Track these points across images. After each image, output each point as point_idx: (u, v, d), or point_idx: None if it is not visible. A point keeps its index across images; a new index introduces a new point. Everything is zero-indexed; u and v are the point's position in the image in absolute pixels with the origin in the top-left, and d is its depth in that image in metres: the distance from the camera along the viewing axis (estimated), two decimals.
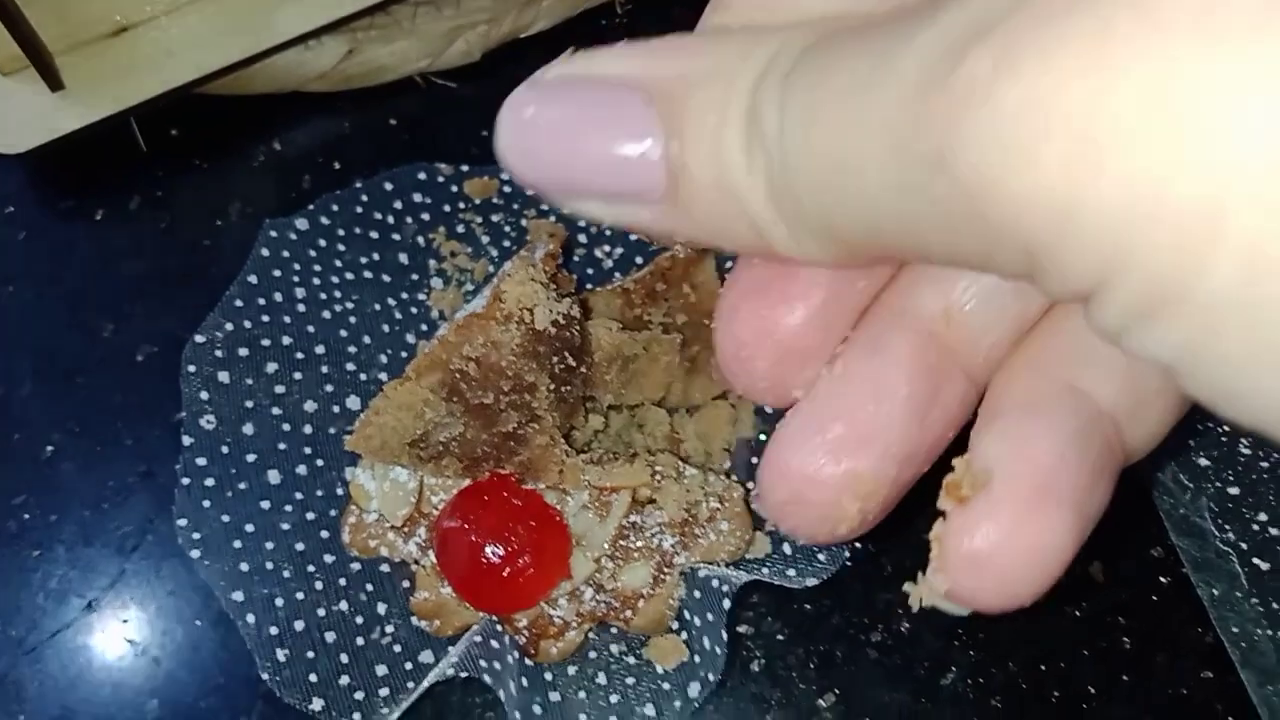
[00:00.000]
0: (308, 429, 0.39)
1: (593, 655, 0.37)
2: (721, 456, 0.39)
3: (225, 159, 0.45)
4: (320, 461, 0.39)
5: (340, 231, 0.42)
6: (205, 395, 0.38)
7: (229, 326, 0.39)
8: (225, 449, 0.38)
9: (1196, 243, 0.10)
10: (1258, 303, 0.10)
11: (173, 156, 0.45)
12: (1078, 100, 0.10)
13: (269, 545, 0.37)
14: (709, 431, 0.39)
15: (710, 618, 0.36)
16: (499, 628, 0.36)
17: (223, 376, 0.39)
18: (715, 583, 0.36)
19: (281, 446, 0.38)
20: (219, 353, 0.39)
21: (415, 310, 0.42)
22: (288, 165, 0.45)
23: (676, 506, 0.36)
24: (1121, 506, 0.16)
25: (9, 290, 0.43)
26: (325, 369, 0.40)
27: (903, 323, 0.16)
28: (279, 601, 0.36)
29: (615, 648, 0.37)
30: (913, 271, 0.17)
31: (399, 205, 0.43)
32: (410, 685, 0.36)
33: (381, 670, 0.36)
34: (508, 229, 0.43)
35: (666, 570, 0.37)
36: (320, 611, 0.36)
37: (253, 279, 0.40)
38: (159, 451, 0.40)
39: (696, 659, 0.36)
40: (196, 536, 0.37)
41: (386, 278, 0.42)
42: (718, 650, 0.35)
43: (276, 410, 0.39)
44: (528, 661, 0.36)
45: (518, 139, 0.15)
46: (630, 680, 0.36)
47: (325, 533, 0.38)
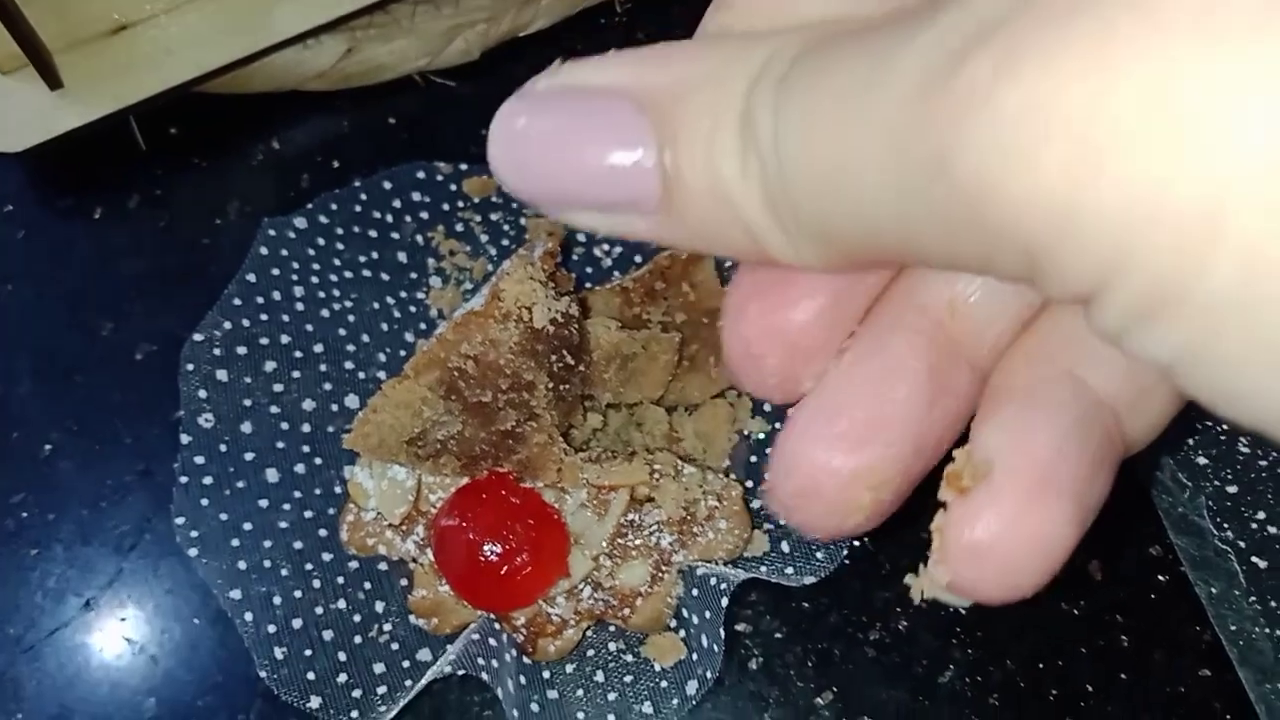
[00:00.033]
0: (306, 427, 0.39)
1: (591, 653, 0.37)
2: (720, 455, 0.39)
3: (224, 158, 0.45)
4: (318, 460, 0.39)
5: (339, 230, 0.42)
6: (204, 394, 0.38)
7: (227, 325, 0.39)
8: (223, 447, 0.38)
9: (1196, 244, 0.10)
10: (1257, 303, 0.10)
11: (172, 155, 0.45)
12: (1077, 102, 0.10)
13: (267, 543, 0.37)
14: (707, 430, 0.39)
15: (708, 616, 0.36)
16: (497, 626, 0.36)
17: (221, 375, 0.39)
18: (713, 581, 0.36)
19: (280, 445, 0.38)
20: (217, 351, 0.39)
21: (414, 309, 0.42)
22: (286, 164, 0.45)
23: (675, 505, 0.36)
24: (1120, 505, 0.16)
25: (8, 289, 0.43)
26: (324, 367, 0.40)
27: (909, 315, 0.16)
28: (277, 600, 0.36)
29: (613, 646, 0.37)
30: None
31: (398, 204, 0.43)
32: (408, 683, 0.36)
33: (379, 668, 0.36)
34: (506, 228, 0.43)
35: (664, 568, 0.37)
36: (318, 609, 0.36)
37: (251, 277, 0.40)
38: (157, 450, 0.40)
39: (694, 657, 0.36)
40: (194, 535, 0.37)
41: (385, 276, 0.42)
42: (715, 648, 0.35)
43: (275, 409, 0.39)
44: (525, 659, 0.36)
45: (509, 151, 0.15)
46: (628, 678, 0.36)
47: (323, 531, 0.38)
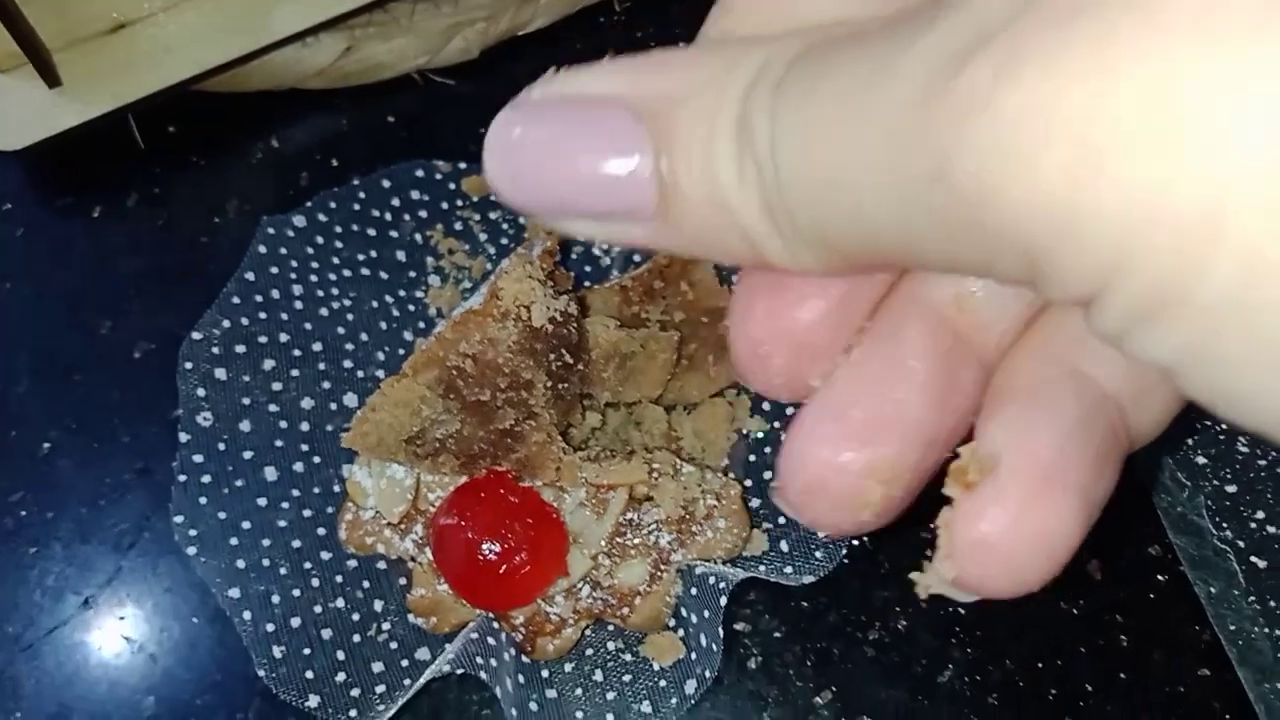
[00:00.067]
0: (305, 426, 0.39)
1: (589, 652, 0.37)
2: (719, 454, 0.39)
3: (223, 156, 0.45)
4: (317, 458, 0.39)
5: (338, 229, 0.42)
6: (202, 392, 0.38)
7: (226, 323, 0.39)
8: (222, 446, 0.38)
9: (1197, 245, 0.10)
10: (1257, 304, 0.10)
11: (170, 153, 0.45)
12: (1078, 104, 0.10)
13: (266, 542, 0.37)
14: (706, 429, 0.39)
15: (707, 615, 0.36)
16: (495, 625, 0.36)
17: (220, 373, 0.39)
18: (712, 580, 0.36)
19: (278, 443, 0.38)
20: (216, 350, 0.39)
21: (413, 308, 0.42)
22: (285, 162, 0.45)
23: (674, 504, 0.36)
24: (1119, 504, 0.16)
25: (6, 287, 0.43)
26: (322, 366, 0.40)
27: (917, 310, 0.16)
28: (275, 598, 0.36)
29: (612, 645, 0.37)
30: None
31: (397, 202, 0.43)
32: (407, 682, 0.36)
33: (378, 667, 0.36)
34: (505, 226, 0.43)
35: (663, 567, 0.37)
36: (317, 608, 0.36)
37: (250, 276, 0.40)
38: (156, 448, 0.40)
39: (693, 656, 0.36)
40: (193, 533, 0.37)
41: (384, 275, 0.42)
42: (714, 647, 0.35)
43: (274, 407, 0.39)
44: (524, 658, 0.36)
45: (505, 162, 0.15)
46: (627, 677, 0.36)
47: (322, 530, 0.38)
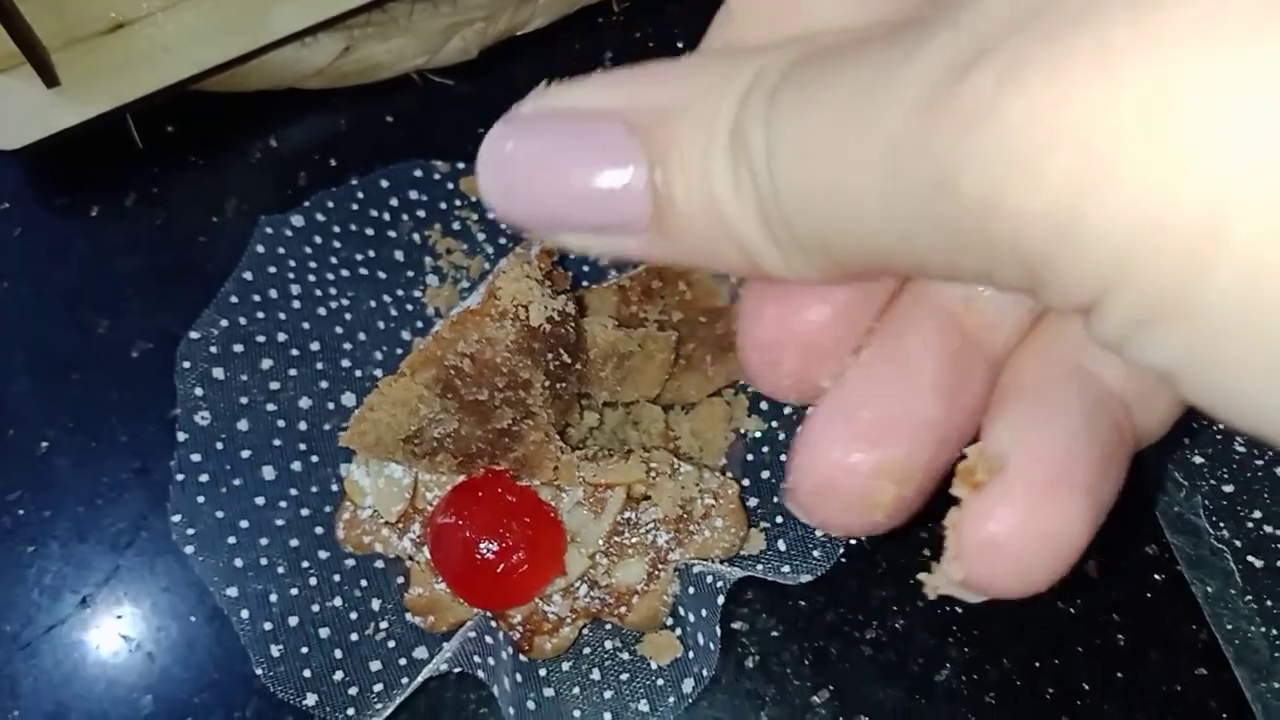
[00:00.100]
0: (302, 425, 0.39)
1: (587, 651, 0.37)
2: (716, 453, 0.39)
3: (221, 156, 0.45)
4: (315, 457, 0.39)
5: (336, 228, 0.42)
6: (200, 391, 0.38)
7: (224, 323, 0.39)
8: (220, 445, 0.38)
9: (1198, 251, 0.10)
10: (1258, 310, 0.10)
11: (168, 153, 0.45)
12: (1081, 112, 0.10)
13: (263, 541, 0.37)
14: (704, 428, 0.39)
15: (704, 614, 0.36)
16: (493, 624, 0.36)
17: (218, 373, 0.39)
18: (710, 579, 0.36)
19: (276, 442, 0.38)
20: (214, 349, 0.39)
21: (411, 307, 0.42)
22: (284, 162, 0.45)
23: (671, 503, 0.36)
24: (1117, 504, 0.16)
25: (4, 286, 0.43)
26: (320, 365, 0.40)
27: (926, 310, 0.16)
28: (273, 597, 0.36)
29: (609, 644, 0.37)
30: None
31: (395, 202, 0.43)
32: (404, 681, 0.36)
33: (375, 666, 0.36)
34: (504, 226, 0.43)
35: (661, 566, 0.37)
36: (314, 607, 0.36)
37: (248, 275, 0.40)
38: (154, 447, 0.40)
39: (690, 655, 0.36)
40: (191, 532, 0.37)
41: (382, 274, 0.42)
42: (712, 646, 0.35)
43: (271, 406, 0.39)
44: (522, 657, 0.36)
45: (498, 177, 0.15)
46: (624, 676, 0.36)
47: (320, 529, 0.38)
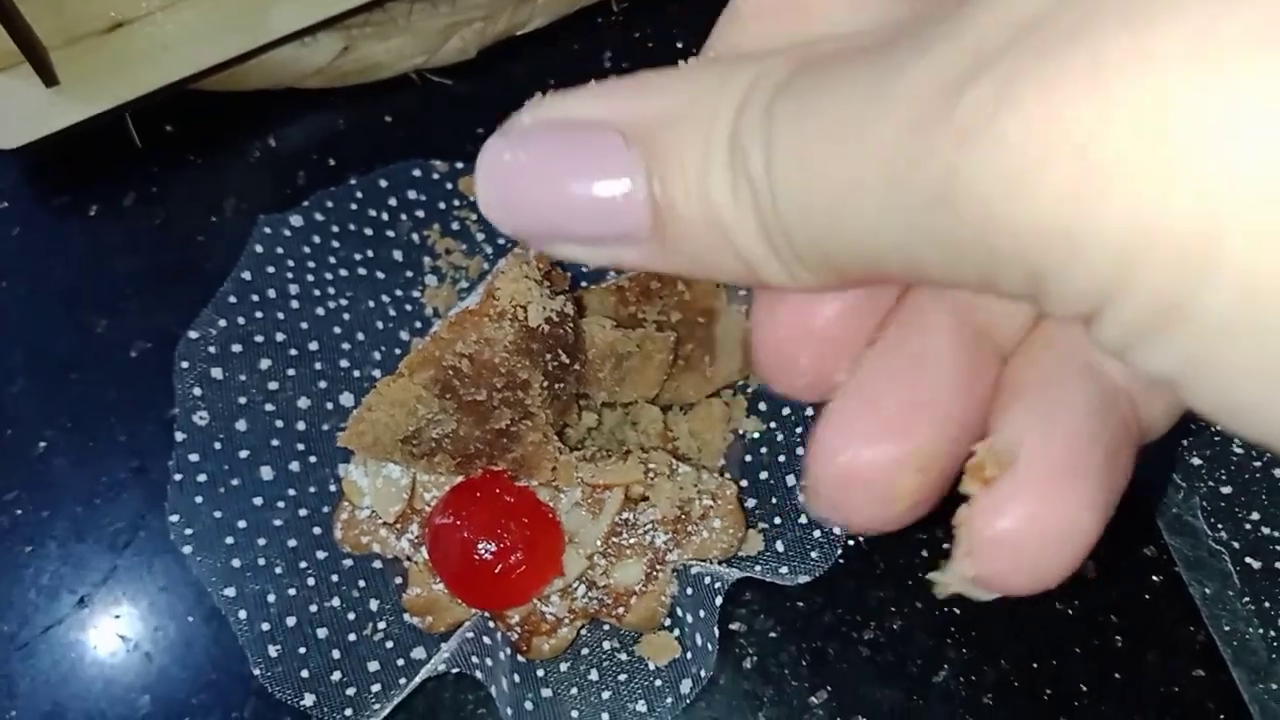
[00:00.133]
0: (301, 425, 0.39)
1: (585, 652, 0.37)
2: (715, 454, 0.39)
3: (220, 155, 0.45)
4: (313, 458, 0.39)
5: (335, 228, 0.42)
6: (198, 391, 0.38)
7: (223, 322, 0.39)
8: (218, 445, 0.38)
9: (1195, 263, 0.10)
10: (1255, 321, 0.10)
11: (167, 152, 0.45)
12: (1077, 128, 0.10)
13: (261, 541, 0.37)
14: (702, 429, 0.39)
15: (702, 615, 0.36)
16: (491, 624, 0.36)
17: (216, 372, 0.39)
18: (708, 580, 0.36)
19: (274, 442, 0.38)
20: (212, 349, 0.39)
21: (410, 307, 0.42)
22: (283, 161, 0.45)
23: (669, 504, 0.36)
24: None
25: (2, 286, 0.43)
26: (319, 365, 0.40)
27: (938, 302, 0.16)
28: (271, 597, 0.36)
29: (607, 644, 0.37)
30: None
31: (394, 202, 0.43)
32: (402, 681, 0.36)
33: (373, 666, 0.36)
34: None
35: (659, 567, 0.37)
36: (312, 607, 0.36)
37: (247, 275, 0.40)
38: (152, 447, 0.40)
39: (688, 656, 0.36)
40: (189, 532, 0.37)
41: (381, 274, 0.42)
42: (710, 647, 0.35)
43: (270, 406, 0.39)
44: (520, 658, 0.36)
45: (496, 189, 0.15)
46: (622, 677, 0.36)
47: (318, 529, 0.38)
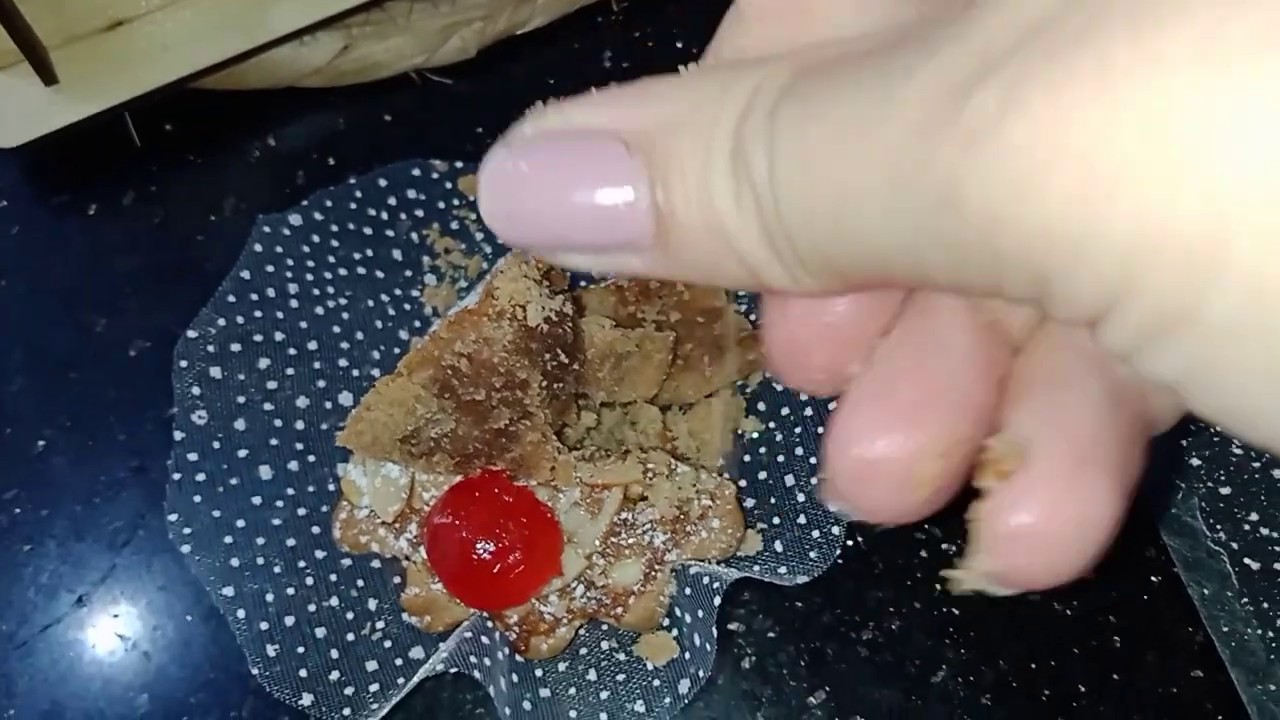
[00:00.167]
0: (300, 424, 0.39)
1: (583, 652, 0.37)
2: (714, 454, 0.39)
3: (219, 154, 0.45)
4: (312, 457, 0.39)
5: (334, 227, 0.42)
6: (197, 390, 0.38)
7: (221, 322, 0.39)
8: (217, 444, 0.38)
9: (1201, 268, 0.10)
10: (1264, 323, 0.10)
11: (167, 151, 0.45)
12: (1083, 132, 0.10)
13: (260, 540, 0.37)
14: (701, 429, 0.39)
15: (701, 615, 0.36)
16: (490, 624, 0.36)
17: (215, 372, 0.39)
18: (706, 580, 0.36)
19: (273, 442, 0.38)
20: (211, 348, 0.39)
21: (409, 307, 0.42)
22: (282, 161, 0.45)
23: (668, 504, 0.36)
24: None
25: (2, 285, 0.43)
26: (318, 365, 0.40)
27: (950, 294, 0.16)
28: (269, 597, 0.36)
29: (606, 644, 0.37)
30: None
31: (393, 201, 0.43)
32: (400, 681, 0.36)
33: (372, 666, 0.36)
34: None
35: (657, 567, 0.37)
36: (311, 607, 0.36)
37: (246, 274, 0.40)
38: (151, 446, 0.40)
39: (687, 656, 0.36)
40: (187, 531, 0.37)
41: (380, 274, 0.42)
42: (708, 647, 0.35)
43: (268, 406, 0.39)
44: (518, 658, 0.36)
45: (499, 200, 0.15)
46: (620, 677, 0.36)
47: (316, 528, 0.38)
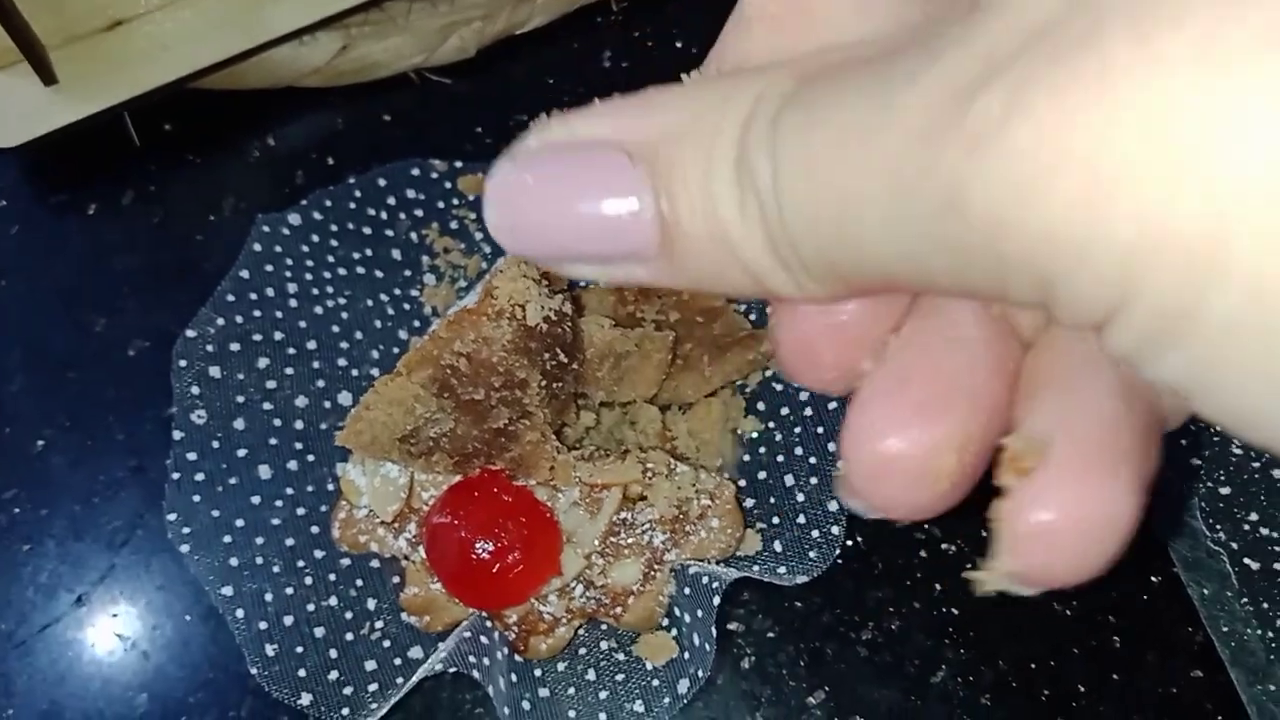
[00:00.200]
0: (299, 424, 0.39)
1: (582, 652, 0.37)
2: (713, 454, 0.39)
3: (219, 154, 0.45)
4: (311, 457, 0.39)
5: (333, 227, 0.42)
6: (196, 390, 0.38)
7: (221, 321, 0.39)
8: (216, 444, 0.38)
9: (1203, 270, 0.10)
10: (1265, 323, 0.10)
11: (166, 151, 0.45)
12: (1085, 134, 0.10)
13: (259, 540, 0.37)
14: (701, 429, 0.39)
15: (700, 615, 0.36)
16: (489, 624, 0.36)
17: (214, 371, 0.39)
18: (705, 580, 0.36)
19: (272, 442, 0.38)
20: (210, 348, 0.39)
21: (408, 306, 0.42)
22: (281, 160, 0.45)
23: (667, 503, 0.36)
24: None
25: (1, 284, 0.43)
26: (317, 364, 0.40)
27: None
28: (268, 596, 0.36)
29: (605, 644, 0.37)
30: None
31: (392, 201, 0.43)
32: (399, 681, 0.36)
33: (370, 665, 0.36)
34: None
35: (657, 567, 0.37)
36: (310, 607, 0.36)
37: (245, 274, 0.40)
38: (150, 446, 0.39)
39: (686, 656, 0.36)
40: (186, 531, 0.37)
41: (379, 273, 0.42)
42: (707, 647, 0.35)
43: (268, 405, 0.39)
44: (517, 658, 0.36)
45: (504, 213, 0.15)
46: (619, 677, 0.36)
47: (315, 528, 0.38)
